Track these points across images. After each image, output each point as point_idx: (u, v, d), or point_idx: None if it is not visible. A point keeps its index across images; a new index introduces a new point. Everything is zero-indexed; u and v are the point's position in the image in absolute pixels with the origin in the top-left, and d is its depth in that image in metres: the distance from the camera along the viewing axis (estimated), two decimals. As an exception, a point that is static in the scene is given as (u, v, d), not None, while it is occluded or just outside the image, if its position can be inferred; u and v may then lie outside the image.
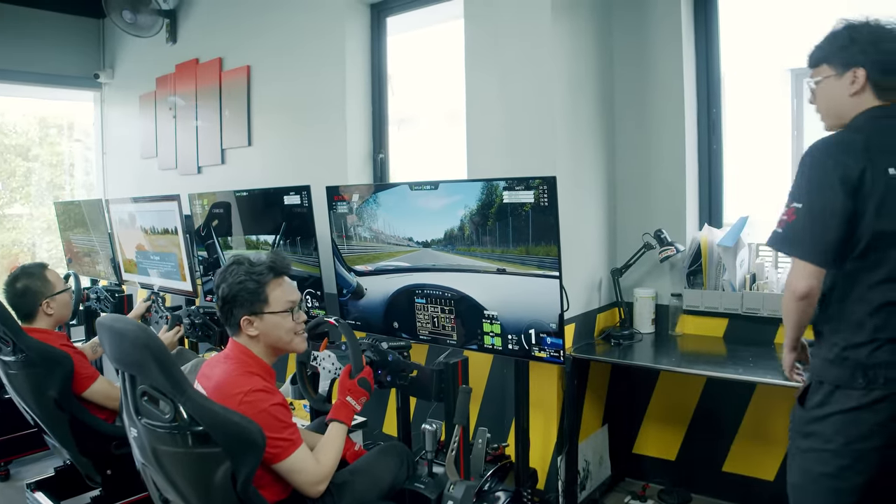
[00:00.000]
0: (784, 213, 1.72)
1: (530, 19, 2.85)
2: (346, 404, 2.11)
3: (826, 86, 1.81)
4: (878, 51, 1.75)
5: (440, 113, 4.42)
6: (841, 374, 1.70)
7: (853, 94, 1.77)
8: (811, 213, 1.68)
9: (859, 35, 1.76)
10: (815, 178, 1.69)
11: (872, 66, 1.74)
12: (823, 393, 1.73)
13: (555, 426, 2.90)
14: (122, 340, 1.77)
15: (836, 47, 1.79)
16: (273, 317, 1.97)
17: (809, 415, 1.75)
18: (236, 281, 1.95)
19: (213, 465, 1.73)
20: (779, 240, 1.74)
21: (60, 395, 2.61)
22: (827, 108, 1.84)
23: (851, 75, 1.76)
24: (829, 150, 1.71)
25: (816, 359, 1.79)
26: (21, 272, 2.87)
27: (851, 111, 1.78)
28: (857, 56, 1.75)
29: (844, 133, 1.76)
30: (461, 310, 2.59)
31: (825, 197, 1.68)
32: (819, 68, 1.83)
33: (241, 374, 1.89)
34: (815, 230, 1.68)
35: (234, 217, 3.59)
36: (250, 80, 4.25)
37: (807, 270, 1.69)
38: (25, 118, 6.23)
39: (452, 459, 2.24)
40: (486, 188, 2.41)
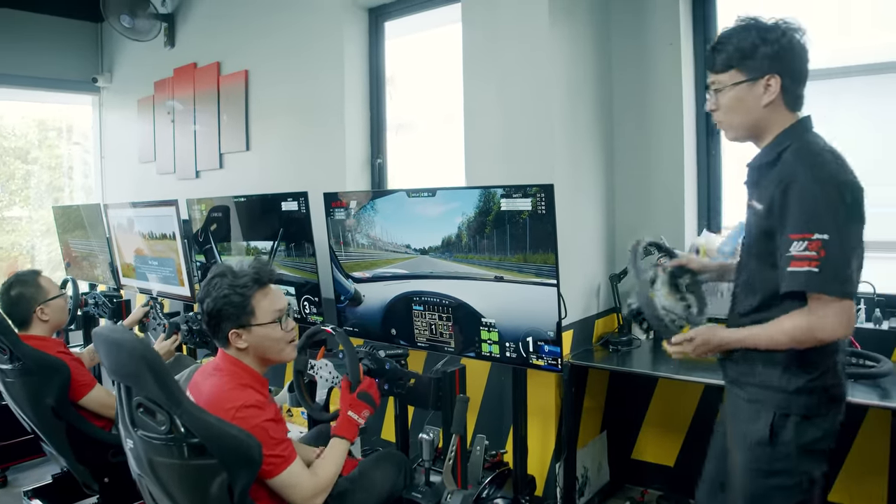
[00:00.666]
0: (807, 248, 1.51)
1: (528, 23, 2.85)
2: (349, 419, 2.08)
3: (735, 93, 1.66)
4: (793, 57, 1.63)
5: (439, 117, 4.41)
6: (807, 404, 1.63)
7: (767, 104, 1.65)
8: (845, 242, 1.52)
9: (771, 38, 1.62)
10: (838, 198, 1.53)
11: (786, 73, 1.63)
12: (791, 425, 1.63)
13: (553, 433, 2.89)
14: (119, 351, 1.77)
15: (747, 51, 1.63)
16: (261, 328, 1.93)
17: (782, 451, 1.64)
18: (220, 294, 1.90)
19: (209, 477, 1.72)
20: (817, 280, 1.51)
21: (57, 403, 2.61)
22: (738, 120, 1.70)
23: (765, 83, 1.63)
24: (842, 165, 1.59)
25: (770, 390, 1.66)
26: (15, 279, 2.87)
27: (765, 122, 1.67)
28: (770, 62, 1.62)
29: (833, 148, 1.63)
30: (459, 317, 2.59)
31: (853, 219, 1.55)
32: (727, 73, 1.67)
33: (232, 388, 1.85)
34: (845, 263, 1.52)
35: (232, 222, 3.58)
36: (248, 84, 4.24)
37: (849, 308, 1.53)
38: (24, 121, 6.23)
39: (450, 468, 2.23)
40: (484, 195, 2.41)
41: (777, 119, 1.67)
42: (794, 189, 1.55)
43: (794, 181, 1.55)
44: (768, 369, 1.67)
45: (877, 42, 3.79)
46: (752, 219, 1.72)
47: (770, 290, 1.65)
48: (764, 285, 1.67)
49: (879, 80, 3.88)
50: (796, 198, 1.54)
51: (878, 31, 3.74)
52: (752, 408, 1.70)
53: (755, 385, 1.70)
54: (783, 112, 1.67)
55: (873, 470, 2.51)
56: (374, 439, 3.52)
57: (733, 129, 1.74)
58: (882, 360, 2.31)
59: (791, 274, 1.54)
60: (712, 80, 1.72)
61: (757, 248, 1.69)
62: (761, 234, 1.66)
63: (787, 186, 1.56)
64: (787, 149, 1.63)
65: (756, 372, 1.70)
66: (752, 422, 1.69)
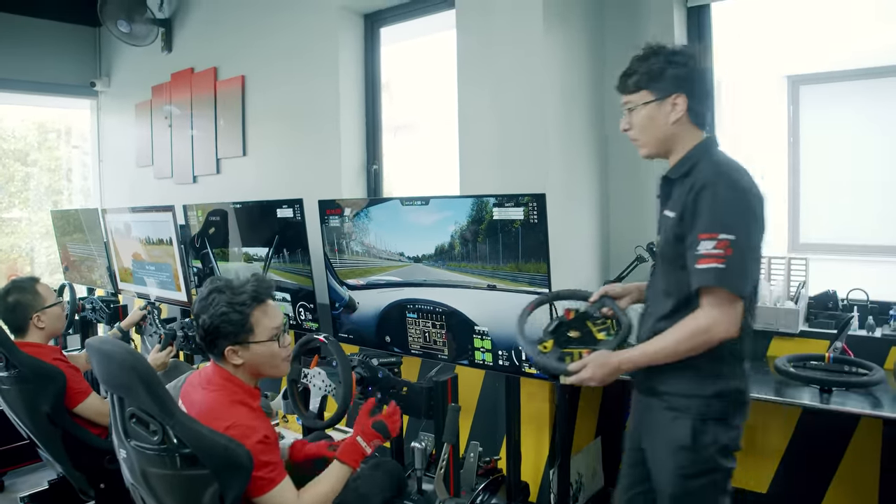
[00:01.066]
0: (715, 246, 1.64)
1: (523, 29, 2.85)
2: (356, 445, 2.01)
3: (646, 112, 1.81)
4: (695, 77, 1.78)
5: (436, 120, 4.43)
6: (721, 408, 1.75)
7: (675, 121, 1.79)
8: (749, 243, 1.67)
9: (677, 61, 1.77)
10: (745, 204, 1.67)
11: (691, 93, 1.77)
12: (709, 429, 1.75)
13: (547, 439, 2.90)
14: (110, 363, 1.78)
15: (655, 73, 1.78)
16: (259, 346, 1.91)
17: (704, 453, 1.75)
18: (218, 312, 1.87)
19: (201, 487, 1.73)
20: (723, 276, 1.64)
21: (53, 410, 2.62)
22: (650, 136, 1.83)
23: (671, 101, 1.78)
24: (750, 177, 1.72)
25: (688, 397, 1.77)
26: (12, 286, 2.88)
27: (674, 138, 1.81)
28: (678, 83, 1.77)
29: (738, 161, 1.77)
30: (452, 325, 2.60)
31: (758, 228, 1.68)
32: (638, 94, 1.82)
33: (224, 405, 1.84)
34: (752, 265, 1.68)
35: (228, 228, 3.59)
36: (245, 89, 4.25)
37: (740, 309, 1.68)
38: (24, 123, 6.24)
39: (441, 477, 2.24)
40: (477, 204, 2.42)
41: (685, 135, 1.81)
42: (705, 194, 1.68)
43: (704, 187, 1.69)
44: (685, 378, 1.78)
45: (878, 45, 3.81)
46: (665, 227, 1.83)
47: (684, 292, 1.75)
48: (678, 288, 1.78)
49: (882, 84, 3.91)
50: (706, 202, 1.67)
51: (880, 34, 3.75)
52: (671, 415, 1.80)
53: (673, 394, 1.80)
54: (690, 129, 1.81)
55: (865, 478, 2.51)
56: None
57: (647, 145, 1.86)
58: (874, 368, 2.31)
59: (699, 271, 1.67)
60: (625, 101, 1.86)
61: (670, 253, 1.79)
62: (673, 239, 1.77)
63: (698, 192, 1.69)
64: (698, 162, 1.77)
65: (673, 381, 1.80)
66: (672, 429, 1.79)
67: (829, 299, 2.75)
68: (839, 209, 4.12)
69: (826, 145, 4.12)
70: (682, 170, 1.80)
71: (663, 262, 1.85)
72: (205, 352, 1.97)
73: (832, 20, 3.97)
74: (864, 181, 3.99)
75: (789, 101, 4.27)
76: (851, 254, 3.97)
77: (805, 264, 2.79)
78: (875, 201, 3.94)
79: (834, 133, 4.09)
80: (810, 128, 4.17)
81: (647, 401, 1.90)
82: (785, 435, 2.70)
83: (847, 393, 2.23)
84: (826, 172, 4.12)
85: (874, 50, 3.88)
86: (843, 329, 2.46)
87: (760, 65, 4.24)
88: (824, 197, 4.15)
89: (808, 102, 4.22)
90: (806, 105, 4.23)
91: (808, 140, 4.15)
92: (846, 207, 4.08)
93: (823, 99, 4.23)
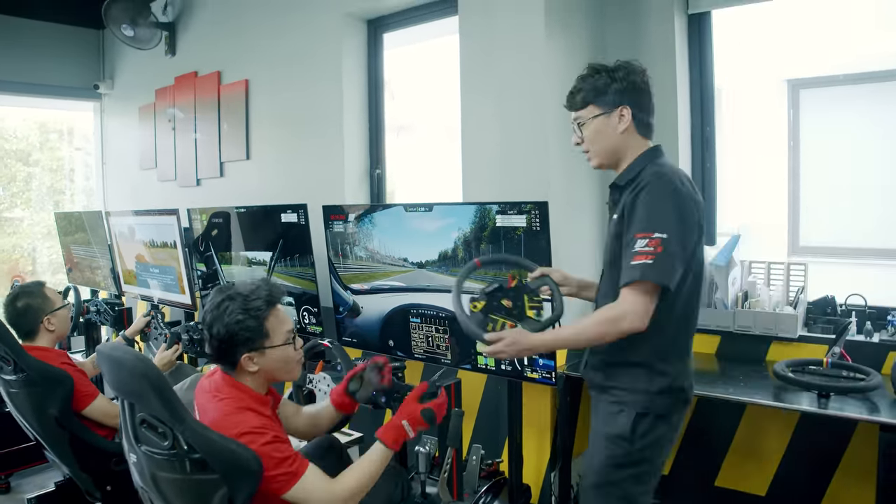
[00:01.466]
0: (647, 244, 1.73)
1: (525, 35, 2.88)
2: (400, 428, 1.95)
3: (595, 125, 1.92)
4: (636, 90, 1.91)
5: (439, 122, 4.45)
6: (665, 404, 1.86)
7: (622, 131, 1.91)
8: (681, 243, 1.75)
9: (619, 76, 1.90)
10: (679, 207, 1.77)
11: (635, 103, 1.90)
12: (648, 423, 1.86)
13: (549, 442, 2.93)
14: (120, 369, 1.81)
15: (601, 88, 1.90)
16: (275, 350, 1.91)
17: (638, 445, 1.85)
18: (234, 320, 1.85)
19: (210, 491, 1.76)
20: (648, 270, 1.72)
21: (61, 413, 2.65)
22: (600, 147, 1.94)
23: (618, 114, 1.90)
24: (685, 180, 1.83)
25: (635, 393, 1.87)
26: (21, 291, 2.92)
27: (622, 147, 1.93)
28: (620, 96, 1.89)
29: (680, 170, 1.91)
30: (455, 330, 2.63)
31: (689, 227, 1.78)
32: (586, 109, 1.93)
33: (231, 413, 1.84)
34: (678, 262, 1.75)
35: (232, 232, 3.62)
36: (248, 94, 4.28)
37: (654, 302, 1.75)
38: (26, 123, 6.26)
39: (445, 481, 2.27)
40: (480, 211, 2.45)
41: (632, 145, 1.94)
42: (643, 196, 1.79)
43: (642, 190, 1.80)
44: (633, 373, 1.88)
45: (879, 49, 3.83)
46: (611, 231, 1.94)
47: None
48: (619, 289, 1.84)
49: (882, 88, 3.92)
50: (643, 203, 1.78)
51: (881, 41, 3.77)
52: (614, 408, 1.90)
53: (620, 388, 1.90)
54: (637, 139, 1.94)
55: (862, 483, 2.54)
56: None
57: (597, 156, 1.97)
58: (871, 373, 2.34)
59: (630, 267, 1.75)
60: (575, 117, 1.98)
61: (615, 255, 1.89)
62: (613, 239, 1.91)
63: (637, 194, 1.80)
64: (643, 169, 1.88)
65: (621, 376, 1.90)
66: (613, 419, 1.89)
67: (827, 304, 2.78)
68: (839, 213, 4.14)
69: (826, 149, 4.14)
70: (629, 176, 1.91)
71: (609, 265, 1.95)
72: (216, 361, 1.96)
73: (832, 24, 3.98)
74: (864, 185, 4.01)
75: (789, 104, 4.29)
76: (851, 257, 3.99)
77: (804, 269, 2.82)
78: (875, 205, 3.96)
79: (834, 137, 4.11)
80: (810, 132, 4.19)
81: (597, 397, 2.00)
82: (783, 439, 2.73)
83: (845, 398, 2.26)
84: (826, 176, 4.14)
85: (875, 54, 3.90)
86: (842, 334, 2.49)
87: (760, 69, 4.26)
88: (824, 200, 4.17)
89: (809, 106, 4.24)
90: (806, 109, 4.25)
91: (809, 144, 4.17)
92: (846, 211, 4.10)
93: (824, 103, 4.25)
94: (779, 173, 4.15)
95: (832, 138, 4.10)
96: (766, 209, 4.26)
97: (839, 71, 4.15)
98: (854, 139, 4.05)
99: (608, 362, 1.94)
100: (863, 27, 3.85)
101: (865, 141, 4.02)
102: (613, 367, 1.92)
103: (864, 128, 4.03)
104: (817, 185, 4.13)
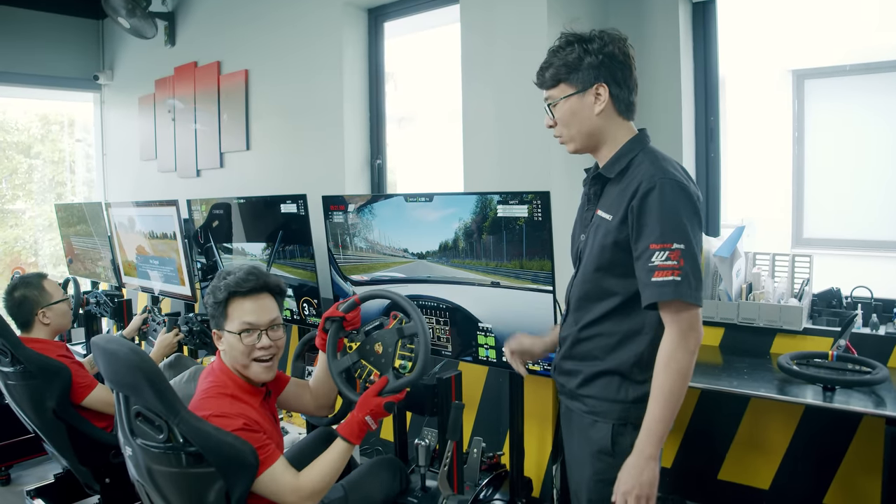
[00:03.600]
0: (668, 257, 1.56)
1: (527, 24, 2.84)
2: (363, 423, 1.93)
3: (568, 106, 1.71)
4: (617, 65, 1.68)
5: (440, 111, 4.42)
6: (643, 414, 1.64)
7: (599, 112, 1.69)
8: (698, 249, 1.60)
9: (593, 49, 1.67)
10: (692, 210, 1.61)
11: (612, 80, 1.68)
12: (628, 434, 1.69)
13: (550, 435, 2.91)
14: (115, 362, 1.78)
15: (572, 64, 1.68)
16: (230, 336, 1.92)
17: (621, 459, 1.66)
18: (208, 295, 1.95)
19: (206, 484, 1.75)
20: (681, 289, 1.55)
21: (59, 405, 2.64)
22: (575, 131, 1.73)
23: (594, 92, 1.68)
24: (690, 184, 1.64)
25: (608, 402, 1.72)
26: (19, 282, 2.90)
27: (602, 130, 1.72)
28: (596, 71, 1.67)
29: (665, 154, 1.70)
30: (456, 321, 2.60)
31: (698, 236, 1.62)
32: (557, 88, 1.72)
33: (209, 396, 1.86)
34: (699, 272, 1.59)
35: (232, 223, 3.60)
36: (248, 84, 4.25)
37: (700, 314, 1.60)
38: (27, 115, 6.25)
39: (445, 474, 2.25)
40: (481, 202, 2.42)
41: (614, 128, 1.72)
42: (652, 198, 1.58)
43: (651, 190, 1.59)
44: (607, 382, 1.73)
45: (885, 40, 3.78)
46: (598, 229, 1.73)
47: (616, 300, 1.70)
48: (610, 295, 1.71)
49: (889, 78, 3.88)
50: (655, 207, 1.58)
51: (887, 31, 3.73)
52: (587, 419, 1.77)
53: (594, 398, 1.75)
54: (618, 121, 1.72)
55: (867, 477, 2.52)
56: (372, 440, 3.54)
57: (573, 140, 1.76)
58: (878, 366, 2.31)
59: (657, 284, 1.57)
60: (546, 97, 1.76)
61: (605, 258, 1.70)
62: (612, 245, 1.68)
63: (644, 195, 1.59)
64: (634, 159, 1.69)
65: (596, 386, 1.75)
66: (592, 433, 1.75)
67: (832, 296, 2.75)
68: (844, 204, 4.10)
69: (831, 140, 4.11)
70: (618, 168, 1.71)
71: (593, 266, 1.74)
72: (209, 342, 1.98)
73: (838, 13, 3.94)
74: (869, 176, 3.98)
75: (794, 95, 4.25)
76: (856, 249, 3.96)
77: (809, 261, 2.79)
78: (881, 197, 3.93)
79: (839, 128, 4.07)
80: (815, 122, 4.15)
81: (569, 404, 1.86)
82: (787, 432, 2.71)
83: (850, 391, 2.23)
84: (831, 167, 4.11)
85: (881, 45, 3.86)
86: (847, 327, 2.46)
87: (765, 59, 4.22)
88: (829, 192, 4.14)
89: (814, 97, 4.20)
90: (811, 99, 4.21)
91: (813, 134, 4.13)
92: (851, 203, 4.07)
93: (829, 93, 4.21)
94: (782, 164, 4.12)
95: (837, 129, 4.07)
96: (770, 201, 4.23)
97: (845, 61, 4.11)
98: (860, 130, 4.02)
99: (583, 368, 1.77)
100: (869, 16, 3.81)
101: (871, 132, 3.98)
102: (588, 373, 1.76)
103: (871, 119, 3.99)
104: (822, 176, 4.10)
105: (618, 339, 1.71)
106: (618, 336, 1.71)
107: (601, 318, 1.74)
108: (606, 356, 1.73)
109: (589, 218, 1.80)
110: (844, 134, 4.04)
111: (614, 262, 1.69)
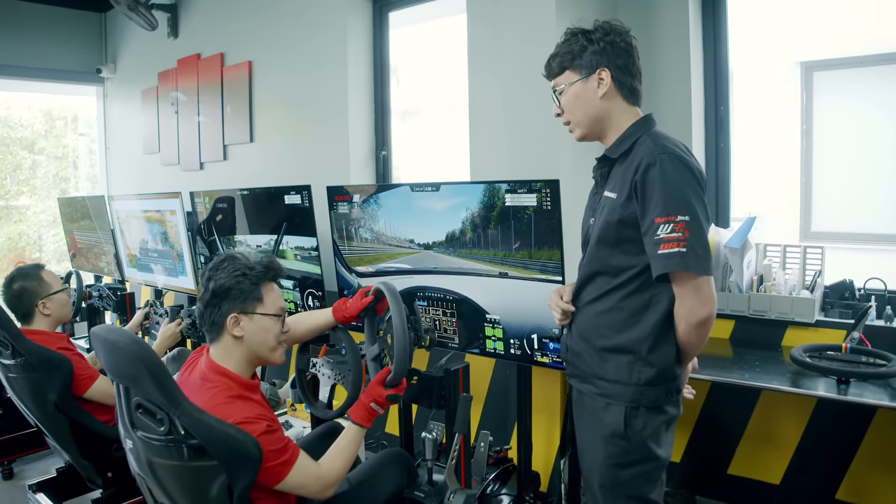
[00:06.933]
0: (673, 229, 1.60)
1: (534, 15, 2.80)
2: (371, 410, 2.01)
3: (574, 91, 1.78)
4: (616, 50, 1.75)
5: (445, 104, 4.39)
6: (655, 396, 1.73)
7: (602, 95, 1.76)
8: (705, 220, 1.64)
9: (595, 37, 1.75)
10: (694, 181, 1.64)
11: (614, 64, 1.75)
12: (641, 416, 1.73)
13: (558, 429, 2.88)
14: (115, 352, 1.75)
15: (576, 52, 1.77)
16: (264, 319, 1.90)
17: (635, 441, 1.73)
18: (232, 275, 1.87)
19: (208, 477, 1.71)
20: (687, 259, 1.59)
21: (60, 398, 2.61)
22: (581, 115, 1.80)
23: (597, 77, 1.75)
24: (692, 158, 1.68)
25: (621, 384, 1.74)
26: (18, 273, 2.88)
27: (607, 114, 1.78)
28: (598, 57, 1.74)
29: (678, 140, 1.73)
30: (463, 313, 2.56)
31: (703, 207, 1.64)
32: (563, 75, 1.80)
33: (222, 403, 1.79)
34: (706, 242, 1.62)
35: (235, 215, 3.56)
36: (252, 75, 4.22)
37: (712, 284, 1.64)
38: (31, 111, 6.24)
39: (453, 468, 2.21)
40: (489, 190, 2.37)
41: (617, 112, 1.79)
42: (654, 173, 1.63)
43: (652, 165, 1.64)
44: (617, 364, 1.75)
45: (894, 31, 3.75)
46: (604, 208, 1.77)
47: (621, 277, 1.74)
48: (616, 272, 1.76)
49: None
50: (657, 181, 1.62)
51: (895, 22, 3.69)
52: (600, 402, 1.79)
53: (605, 380, 1.78)
54: (622, 105, 1.79)
55: (881, 471, 2.48)
56: (378, 434, 3.51)
57: (579, 125, 1.82)
58: (892, 358, 2.27)
59: (663, 257, 1.62)
60: (553, 85, 1.84)
61: (611, 235, 1.74)
62: (616, 223, 1.72)
63: (646, 170, 1.64)
64: (638, 139, 1.74)
65: (605, 367, 1.77)
66: (604, 416, 1.77)
67: (845, 288, 2.70)
68: (852, 197, 4.07)
69: (840, 132, 4.07)
70: (622, 148, 1.76)
71: (599, 243, 1.78)
72: (201, 320, 1.92)
73: (847, 6, 3.91)
74: (878, 169, 3.94)
75: (802, 87, 4.22)
76: (864, 242, 3.92)
77: (821, 253, 2.74)
78: (889, 189, 3.89)
79: (848, 120, 4.04)
80: (824, 114, 4.12)
81: (579, 386, 1.88)
82: (799, 426, 2.67)
83: (864, 384, 2.19)
84: (839, 159, 4.07)
85: (889, 36, 3.82)
86: (861, 319, 2.42)
87: (774, 51, 4.19)
88: (837, 185, 4.11)
89: (822, 89, 4.17)
90: (819, 91, 4.18)
91: (822, 127, 4.10)
92: (859, 195, 4.03)
93: (837, 85, 4.18)
94: (791, 157, 4.08)
95: (846, 121, 4.03)
96: (776, 194, 4.20)
97: (853, 53, 4.07)
98: (869, 122, 3.98)
99: (594, 346, 1.80)
100: (878, 9, 3.77)
101: (881, 124, 3.95)
102: (598, 352, 1.79)
103: (880, 110, 3.96)
104: (831, 169, 4.06)
105: (625, 315, 1.74)
106: (626, 313, 1.74)
107: (607, 295, 1.77)
108: (615, 334, 1.75)
109: (597, 201, 1.85)
110: (853, 126, 4.01)
111: (620, 239, 1.72)
